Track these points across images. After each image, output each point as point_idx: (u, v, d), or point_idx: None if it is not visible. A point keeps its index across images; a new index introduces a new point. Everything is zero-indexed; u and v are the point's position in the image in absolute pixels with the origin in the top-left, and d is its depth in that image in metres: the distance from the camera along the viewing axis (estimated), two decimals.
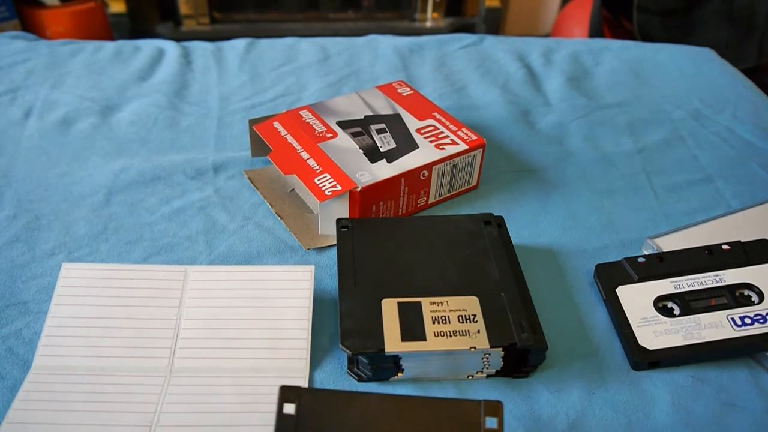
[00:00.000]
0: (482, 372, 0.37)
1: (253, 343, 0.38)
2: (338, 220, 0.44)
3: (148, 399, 0.35)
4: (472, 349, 0.35)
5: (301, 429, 0.30)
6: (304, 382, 0.36)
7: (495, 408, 0.30)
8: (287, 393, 0.30)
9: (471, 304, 0.38)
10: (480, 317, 0.37)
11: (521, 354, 0.36)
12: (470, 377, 0.38)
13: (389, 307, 0.38)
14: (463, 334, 0.36)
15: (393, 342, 0.35)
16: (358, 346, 0.35)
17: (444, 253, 0.42)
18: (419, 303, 0.38)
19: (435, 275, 0.40)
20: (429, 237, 0.43)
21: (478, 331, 0.36)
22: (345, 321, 0.37)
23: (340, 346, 0.35)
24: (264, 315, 0.39)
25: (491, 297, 0.39)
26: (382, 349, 0.35)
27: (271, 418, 0.34)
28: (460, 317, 0.37)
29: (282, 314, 0.39)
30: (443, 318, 0.37)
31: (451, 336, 0.36)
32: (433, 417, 0.30)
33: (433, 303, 0.38)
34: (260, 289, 0.40)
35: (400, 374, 0.37)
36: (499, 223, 0.45)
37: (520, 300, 0.38)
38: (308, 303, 0.40)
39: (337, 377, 0.38)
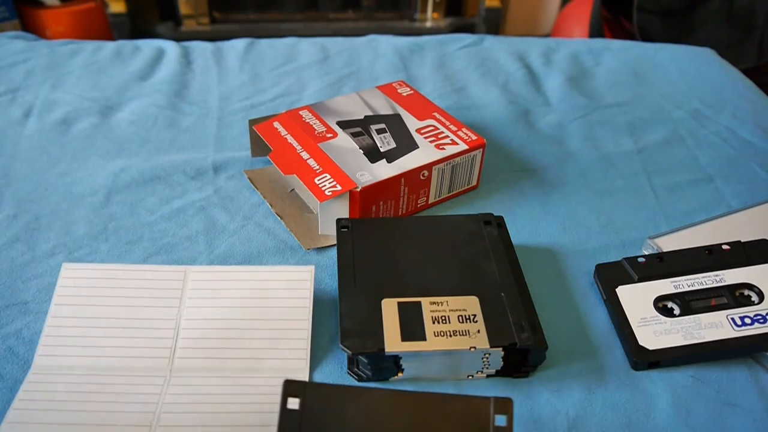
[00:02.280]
0: (482, 372, 0.37)
1: (253, 344, 0.38)
2: (338, 220, 0.44)
3: (148, 399, 0.35)
4: (472, 349, 0.35)
5: (305, 424, 0.29)
6: (305, 375, 0.36)
7: (505, 405, 0.29)
8: (291, 387, 0.30)
9: (471, 304, 0.38)
10: (480, 317, 0.37)
11: (521, 354, 0.36)
12: (470, 377, 0.38)
13: (389, 307, 0.37)
14: (463, 334, 0.36)
15: (393, 342, 0.35)
16: (358, 346, 0.35)
17: (444, 253, 0.42)
18: (419, 303, 0.38)
19: (435, 275, 0.40)
20: (429, 237, 0.43)
21: (478, 331, 0.36)
22: (345, 321, 0.37)
23: (340, 345, 0.35)
24: (264, 315, 0.39)
25: (491, 297, 0.38)
26: (382, 349, 0.35)
27: (272, 418, 0.34)
28: (460, 317, 0.37)
29: (282, 314, 0.39)
30: (443, 318, 0.37)
31: (451, 336, 0.36)
32: (441, 412, 0.29)
33: (433, 303, 0.38)
34: (260, 290, 0.40)
35: (400, 374, 0.37)
36: (499, 223, 0.45)
37: (520, 300, 0.38)
38: (308, 303, 0.40)
39: (337, 377, 0.38)
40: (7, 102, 0.62)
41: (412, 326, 0.36)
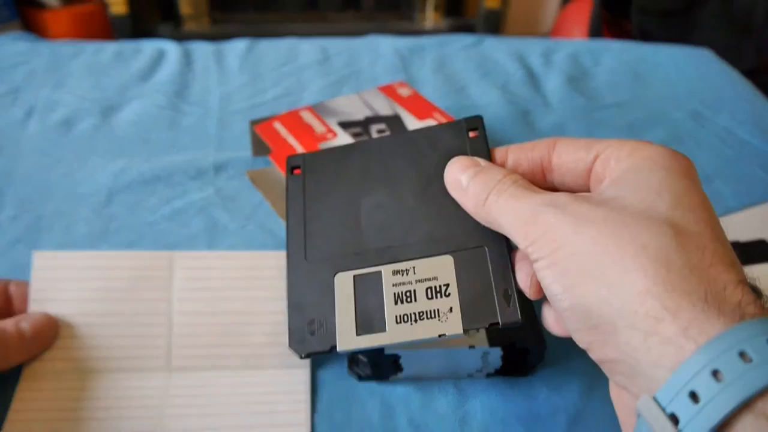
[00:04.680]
0: (482, 371, 0.37)
1: (252, 339, 0.37)
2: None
3: (150, 402, 0.34)
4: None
5: (308, 183, 0.33)
6: (306, 373, 0.36)
7: (476, 122, 0.32)
8: (293, 160, 0.35)
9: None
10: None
11: (520, 353, 0.36)
12: (470, 376, 0.38)
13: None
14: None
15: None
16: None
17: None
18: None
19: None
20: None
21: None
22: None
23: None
24: (261, 307, 0.37)
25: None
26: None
27: (277, 418, 0.34)
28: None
29: (280, 306, 0.38)
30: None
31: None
32: (426, 142, 0.33)
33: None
34: (253, 278, 0.38)
35: (399, 373, 0.37)
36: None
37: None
38: None
39: (336, 377, 0.38)
40: (8, 102, 0.62)
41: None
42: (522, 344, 0.36)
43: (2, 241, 0.46)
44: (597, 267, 0.21)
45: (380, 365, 0.36)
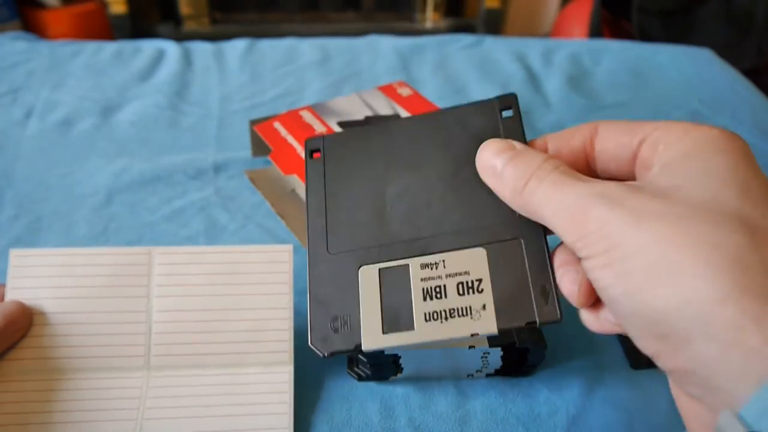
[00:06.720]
0: (482, 371, 0.37)
1: (232, 336, 0.35)
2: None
3: (128, 405, 0.33)
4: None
5: (329, 168, 0.31)
6: (289, 371, 0.35)
7: (509, 100, 0.31)
8: (312, 142, 0.32)
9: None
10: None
11: (520, 353, 0.36)
12: (470, 376, 0.38)
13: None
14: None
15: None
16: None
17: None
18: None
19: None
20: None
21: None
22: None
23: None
24: (242, 303, 0.36)
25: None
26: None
27: (261, 421, 0.34)
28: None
29: (261, 300, 0.36)
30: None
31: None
32: (456, 123, 0.31)
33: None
34: (234, 273, 0.37)
35: (399, 373, 0.37)
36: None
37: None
38: (288, 289, 0.37)
39: (336, 377, 0.38)
40: (8, 102, 0.62)
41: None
42: (522, 344, 0.36)
43: (2, 241, 0.46)
44: (665, 270, 0.19)
45: (380, 365, 0.36)
